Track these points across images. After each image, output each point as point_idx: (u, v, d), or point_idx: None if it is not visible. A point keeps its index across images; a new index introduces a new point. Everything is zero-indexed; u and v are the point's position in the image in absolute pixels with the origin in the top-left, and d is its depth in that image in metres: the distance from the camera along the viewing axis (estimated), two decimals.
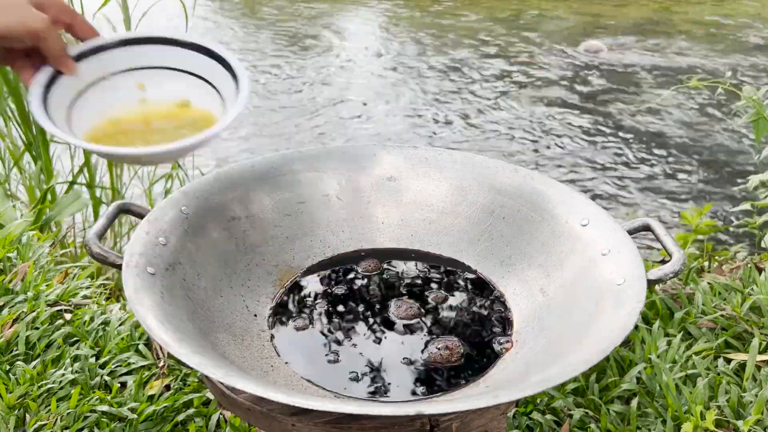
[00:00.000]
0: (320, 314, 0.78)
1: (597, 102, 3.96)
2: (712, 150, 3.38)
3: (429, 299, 0.80)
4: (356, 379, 0.69)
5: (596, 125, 3.65)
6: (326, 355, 0.73)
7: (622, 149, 3.37)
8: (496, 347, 0.73)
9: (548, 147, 3.42)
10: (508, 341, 0.74)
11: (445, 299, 0.80)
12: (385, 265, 0.85)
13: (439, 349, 0.72)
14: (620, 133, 3.53)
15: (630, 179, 3.09)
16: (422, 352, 0.72)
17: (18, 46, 0.63)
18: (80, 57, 0.68)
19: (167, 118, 0.71)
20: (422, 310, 0.78)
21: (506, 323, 0.77)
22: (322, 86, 4.14)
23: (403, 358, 0.72)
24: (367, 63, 4.58)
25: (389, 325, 0.76)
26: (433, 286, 0.82)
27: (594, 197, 2.92)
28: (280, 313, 0.78)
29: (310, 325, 0.76)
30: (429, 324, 0.77)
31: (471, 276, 0.83)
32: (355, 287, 0.82)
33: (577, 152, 3.35)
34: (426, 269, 0.85)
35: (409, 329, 0.76)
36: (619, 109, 3.85)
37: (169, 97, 0.71)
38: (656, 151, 3.37)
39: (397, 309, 0.78)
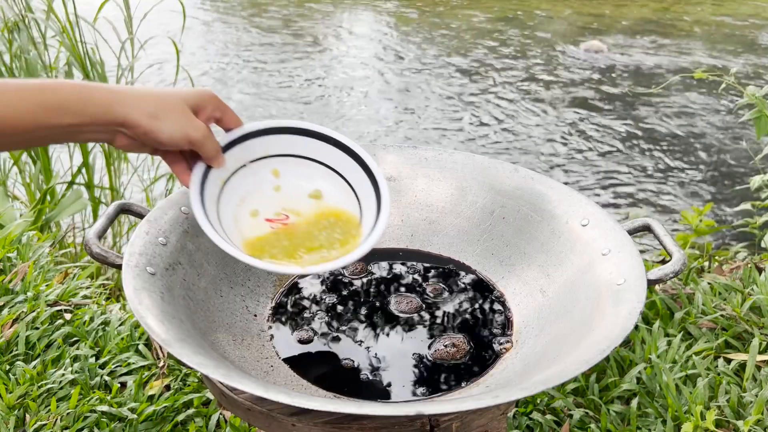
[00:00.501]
0: (320, 314, 0.78)
1: (598, 100, 3.96)
2: (713, 150, 3.38)
3: (429, 299, 0.80)
4: (357, 379, 0.69)
5: (595, 125, 3.65)
6: (326, 354, 0.73)
7: (652, 153, 3.37)
8: (496, 347, 0.73)
9: (530, 137, 3.42)
10: (507, 341, 0.74)
11: (445, 299, 0.80)
12: (385, 265, 0.85)
13: (445, 346, 0.73)
14: (646, 136, 3.52)
15: (671, 183, 3.08)
16: (429, 347, 0.73)
17: (175, 149, 0.67)
18: (226, 148, 0.71)
19: (308, 221, 0.74)
20: (423, 304, 0.79)
21: (506, 323, 0.77)
22: (342, 90, 4.11)
23: (413, 354, 0.72)
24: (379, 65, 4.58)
25: (391, 320, 0.76)
26: (434, 285, 0.82)
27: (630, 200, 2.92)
28: (280, 314, 0.78)
29: (315, 336, 0.75)
30: (429, 323, 0.77)
31: (471, 276, 0.83)
32: (355, 287, 0.82)
33: (574, 147, 3.35)
34: (424, 269, 0.85)
35: (413, 326, 0.76)
36: (619, 109, 3.85)
37: (302, 185, 0.75)
38: (658, 149, 3.37)
39: (398, 304, 0.78)
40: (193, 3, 5.66)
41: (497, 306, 0.79)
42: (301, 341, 0.74)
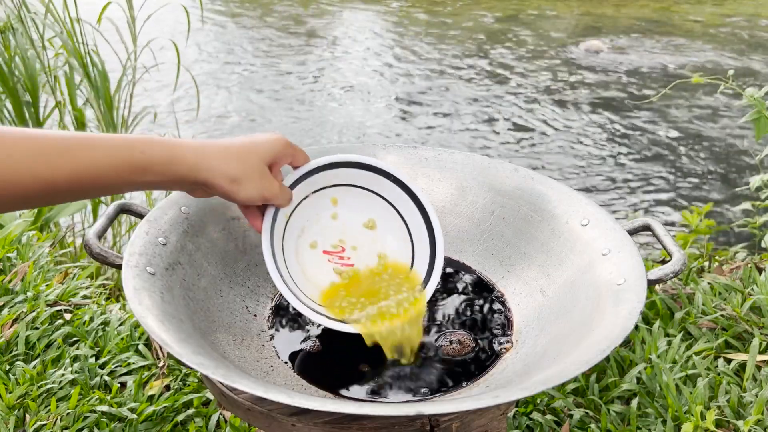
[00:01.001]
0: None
1: (591, 103, 3.96)
2: (713, 150, 3.38)
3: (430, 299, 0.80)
4: (360, 378, 0.69)
5: (593, 123, 3.65)
6: (328, 353, 0.72)
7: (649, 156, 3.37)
8: (496, 347, 0.73)
9: (511, 127, 3.41)
10: (508, 341, 0.74)
11: (445, 299, 0.80)
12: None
13: (451, 342, 0.73)
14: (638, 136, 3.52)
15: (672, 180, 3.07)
16: (436, 341, 0.73)
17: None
18: (293, 185, 0.74)
19: (368, 273, 0.78)
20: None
21: (506, 323, 0.77)
22: (356, 92, 4.10)
23: (421, 350, 0.72)
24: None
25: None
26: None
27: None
28: (280, 314, 0.78)
29: (315, 336, 0.75)
30: (428, 322, 0.77)
31: (471, 276, 0.83)
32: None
33: (553, 141, 3.35)
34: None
35: None
36: (620, 107, 3.85)
37: (358, 213, 0.78)
38: (658, 149, 3.37)
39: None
40: (204, 4, 5.63)
41: (497, 306, 0.79)
42: (302, 341, 0.74)
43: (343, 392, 0.68)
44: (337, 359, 0.72)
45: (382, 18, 5.75)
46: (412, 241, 0.78)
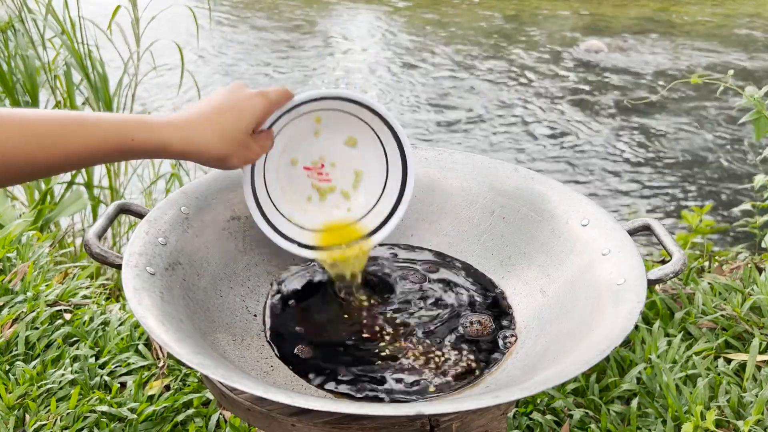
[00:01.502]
0: (321, 313, 0.78)
1: (589, 99, 3.96)
2: (713, 150, 3.38)
3: (429, 298, 0.80)
4: (359, 379, 0.69)
5: (595, 123, 3.65)
6: (327, 353, 0.72)
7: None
8: (500, 342, 0.73)
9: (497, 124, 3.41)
10: (512, 335, 0.74)
11: (447, 291, 0.80)
12: (385, 265, 0.85)
13: (471, 323, 0.75)
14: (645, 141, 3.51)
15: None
16: (459, 321, 0.75)
17: None
18: (278, 119, 0.74)
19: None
20: (427, 278, 0.82)
21: (511, 319, 0.77)
22: (401, 95, 4.06)
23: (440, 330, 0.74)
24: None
25: (393, 320, 0.76)
26: (435, 285, 0.82)
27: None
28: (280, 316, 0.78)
29: (315, 349, 0.75)
30: (441, 309, 0.77)
31: (471, 276, 0.83)
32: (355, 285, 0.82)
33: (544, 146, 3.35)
34: (424, 269, 0.85)
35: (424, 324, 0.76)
36: (619, 106, 3.85)
37: (340, 131, 0.80)
38: (658, 149, 3.37)
39: (402, 303, 0.78)
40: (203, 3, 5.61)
41: (500, 302, 0.79)
42: (302, 340, 0.74)
43: (343, 392, 0.68)
44: (337, 358, 0.72)
45: (390, 17, 5.74)
46: (387, 163, 0.81)
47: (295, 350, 0.72)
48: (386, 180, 0.82)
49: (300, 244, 0.80)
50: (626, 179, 3.11)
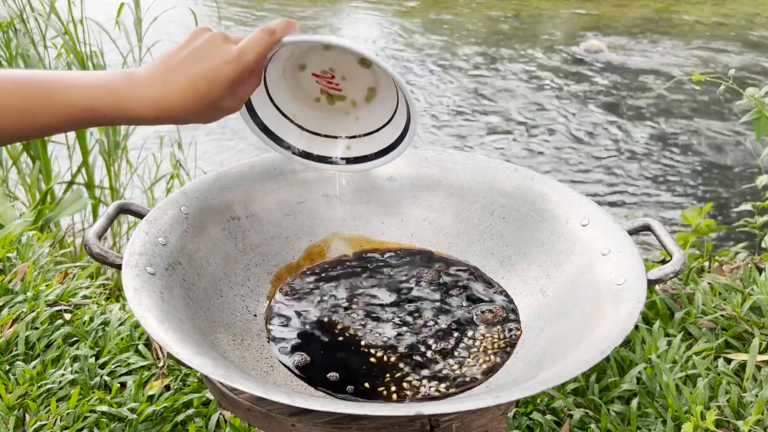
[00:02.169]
0: (321, 313, 0.78)
1: (594, 98, 3.96)
2: (713, 150, 3.38)
3: (430, 298, 0.80)
4: (359, 378, 0.69)
5: (600, 124, 3.65)
6: (327, 353, 0.72)
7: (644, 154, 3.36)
8: (507, 334, 0.74)
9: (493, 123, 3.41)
10: (518, 328, 0.75)
11: (447, 292, 0.80)
12: (384, 264, 0.85)
13: (483, 312, 0.76)
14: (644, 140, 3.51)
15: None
16: (470, 311, 0.77)
17: None
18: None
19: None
20: (441, 274, 0.82)
21: (515, 314, 0.77)
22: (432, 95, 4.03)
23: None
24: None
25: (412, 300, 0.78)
26: (434, 284, 0.82)
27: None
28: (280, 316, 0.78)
29: (309, 358, 0.74)
30: (448, 305, 0.77)
31: (470, 276, 0.83)
32: (355, 284, 0.82)
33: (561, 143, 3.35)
34: (425, 269, 0.85)
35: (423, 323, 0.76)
36: (619, 105, 3.85)
37: (352, 55, 0.73)
38: (658, 148, 3.37)
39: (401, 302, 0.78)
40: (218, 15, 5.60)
41: (503, 298, 0.79)
42: (302, 340, 0.74)
43: (344, 392, 0.68)
44: (337, 358, 0.72)
45: (392, 17, 5.74)
46: (398, 99, 0.74)
47: (296, 351, 0.72)
48: (395, 111, 0.76)
49: (295, 151, 0.77)
50: (623, 180, 3.11)
